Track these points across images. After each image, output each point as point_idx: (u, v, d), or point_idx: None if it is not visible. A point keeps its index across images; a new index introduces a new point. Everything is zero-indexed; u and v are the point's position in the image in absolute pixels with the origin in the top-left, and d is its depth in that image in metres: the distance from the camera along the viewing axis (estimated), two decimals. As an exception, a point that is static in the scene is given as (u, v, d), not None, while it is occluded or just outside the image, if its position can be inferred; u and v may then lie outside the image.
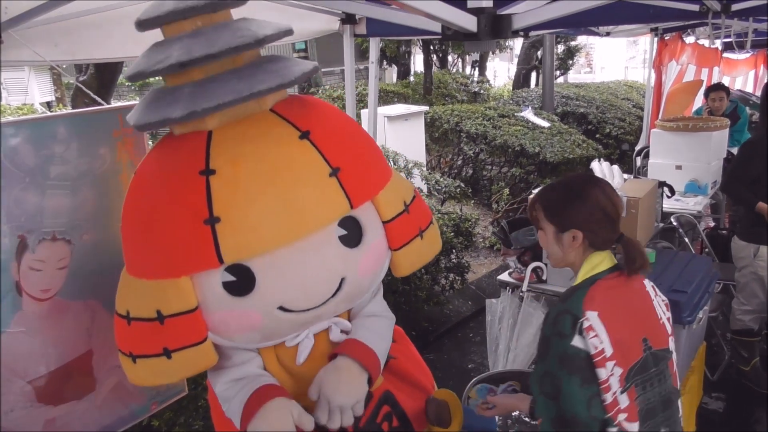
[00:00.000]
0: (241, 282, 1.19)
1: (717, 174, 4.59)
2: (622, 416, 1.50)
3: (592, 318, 1.49)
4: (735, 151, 4.16)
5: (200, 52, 1.11)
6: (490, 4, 1.58)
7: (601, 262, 1.61)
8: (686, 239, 4.11)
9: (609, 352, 1.48)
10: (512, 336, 3.11)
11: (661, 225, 3.80)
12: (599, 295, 1.55)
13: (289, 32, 1.26)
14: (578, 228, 1.59)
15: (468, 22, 1.48)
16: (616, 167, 4.42)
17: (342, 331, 1.42)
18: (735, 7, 2.90)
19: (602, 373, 1.48)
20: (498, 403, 1.76)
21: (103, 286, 1.76)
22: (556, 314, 1.55)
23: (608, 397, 1.48)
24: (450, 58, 13.25)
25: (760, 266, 3.32)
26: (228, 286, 1.19)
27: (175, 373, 1.27)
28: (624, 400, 1.51)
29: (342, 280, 1.28)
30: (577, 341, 1.49)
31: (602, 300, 1.54)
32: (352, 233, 1.27)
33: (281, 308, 1.23)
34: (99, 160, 1.69)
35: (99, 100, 1.81)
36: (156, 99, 1.20)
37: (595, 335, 1.48)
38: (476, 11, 1.53)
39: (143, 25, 1.19)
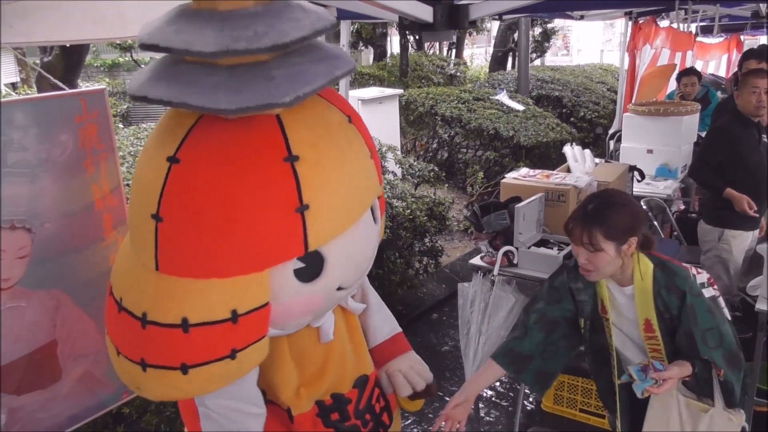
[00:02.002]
0: (311, 267, 1.19)
1: (687, 158, 4.65)
2: None
3: (689, 267, 1.87)
4: (705, 135, 4.22)
5: (295, 33, 1.03)
6: (447, -7, 1.55)
7: (638, 252, 1.87)
8: (655, 223, 4.18)
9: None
10: (483, 319, 3.14)
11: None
12: (671, 260, 1.90)
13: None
14: (633, 234, 1.80)
15: (424, 12, 1.47)
16: (587, 151, 4.46)
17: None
18: (702, -9, 2.93)
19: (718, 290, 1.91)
20: (673, 374, 1.79)
21: (67, 274, 1.74)
22: (684, 283, 1.82)
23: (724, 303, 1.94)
24: (427, 40, 13.18)
25: (724, 249, 3.40)
26: (298, 273, 1.18)
27: (234, 374, 1.19)
28: None
29: (373, 251, 1.37)
30: (707, 291, 1.83)
31: (674, 261, 1.91)
32: (373, 209, 1.34)
33: (339, 288, 1.27)
34: (60, 147, 1.65)
35: (60, 84, 1.76)
36: (231, 78, 1.04)
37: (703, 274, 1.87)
38: (432, 2, 1.51)
39: None
